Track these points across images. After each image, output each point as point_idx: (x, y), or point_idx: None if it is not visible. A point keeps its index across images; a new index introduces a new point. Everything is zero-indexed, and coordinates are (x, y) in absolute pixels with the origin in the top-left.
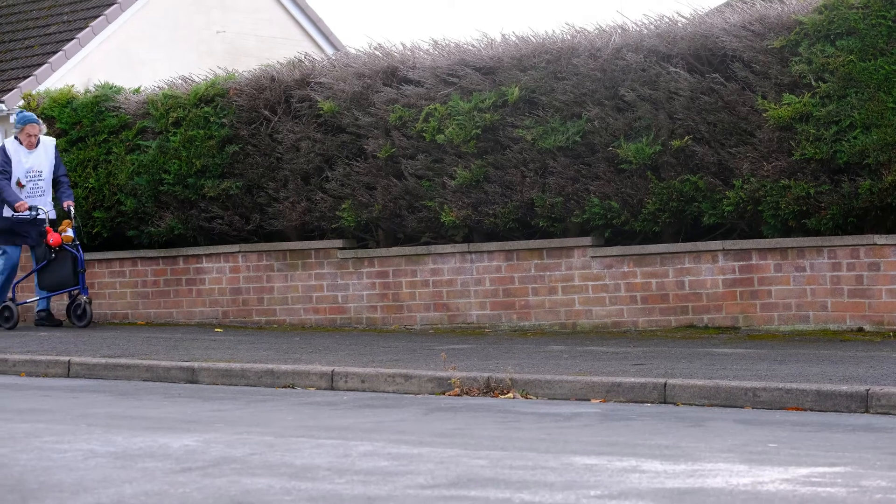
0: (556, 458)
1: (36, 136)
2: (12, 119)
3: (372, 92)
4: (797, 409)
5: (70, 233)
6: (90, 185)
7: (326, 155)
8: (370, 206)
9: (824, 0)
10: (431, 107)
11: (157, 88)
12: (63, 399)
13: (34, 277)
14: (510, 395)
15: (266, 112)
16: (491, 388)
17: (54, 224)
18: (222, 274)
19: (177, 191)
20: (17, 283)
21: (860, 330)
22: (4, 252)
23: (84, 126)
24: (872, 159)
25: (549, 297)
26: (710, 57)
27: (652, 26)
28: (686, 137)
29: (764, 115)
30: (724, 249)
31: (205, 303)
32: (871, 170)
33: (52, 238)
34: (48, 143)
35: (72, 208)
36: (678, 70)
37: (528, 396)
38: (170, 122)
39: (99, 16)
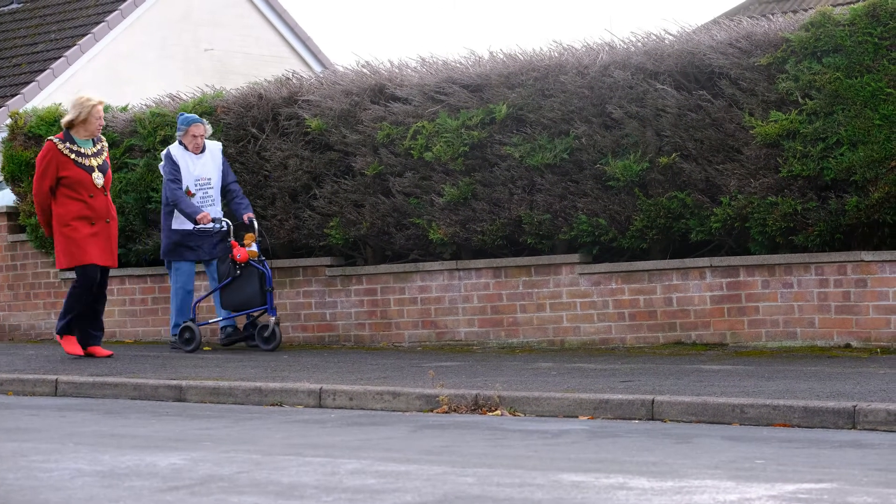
0: (543, 476)
1: (202, 136)
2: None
3: (360, 109)
4: (784, 425)
5: (255, 247)
6: None
7: (314, 172)
8: (358, 224)
9: (811, 17)
10: (419, 124)
11: (144, 106)
12: (50, 418)
13: (206, 296)
14: (498, 412)
15: (254, 130)
16: (479, 406)
17: (232, 237)
18: None
19: None
20: (198, 301)
21: (847, 346)
22: (177, 269)
23: None
24: (859, 176)
25: (537, 314)
26: (698, 74)
27: (639, 44)
28: (673, 154)
29: (751, 132)
30: (711, 266)
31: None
32: (858, 186)
33: (240, 253)
34: (214, 149)
35: (254, 220)
36: (665, 87)
37: (516, 413)
38: (157, 140)
39: (87, 34)
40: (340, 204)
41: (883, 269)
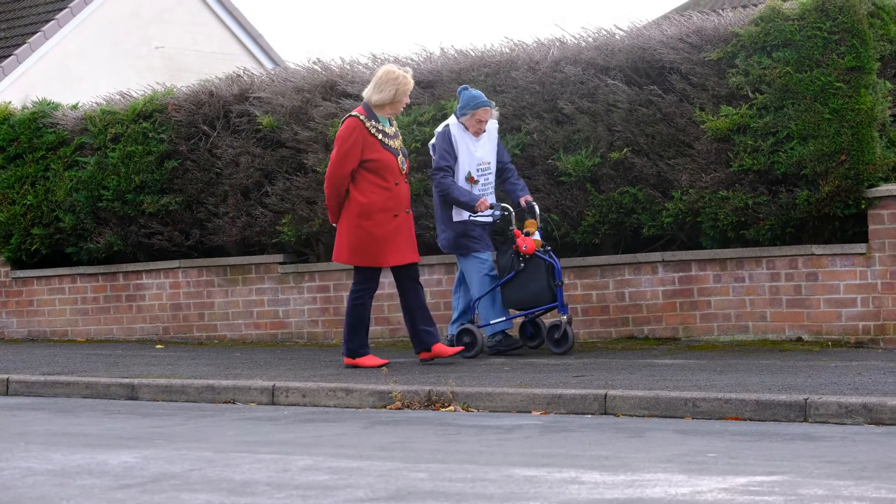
0: (496, 471)
1: (486, 122)
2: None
3: (311, 106)
4: (737, 418)
5: (538, 236)
6: (28, 202)
7: (266, 170)
8: (310, 221)
9: (760, 12)
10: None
11: (95, 104)
12: (1, 417)
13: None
14: (451, 408)
15: (205, 127)
16: (432, 402)
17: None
18: (162, 290)
19: (116, 207)
20: (479, 299)
21: (799, 340)
22: (478, 259)
23: (22, 143)
24: (809, 170)
25: None
26: (648, 69)
27: (590, 39)
28: (625, 149)
29: (702, 126)
30: (663, 261)
31: (145, 319)
32: (809, 180)
33: (526, 244)
34: (492, 128)
35: (534, 204)
36: (616, 82)
37: (470, 409)
38: (108, 137)
39: (37, 32)
40: (292, 201)
41: (834, 262)
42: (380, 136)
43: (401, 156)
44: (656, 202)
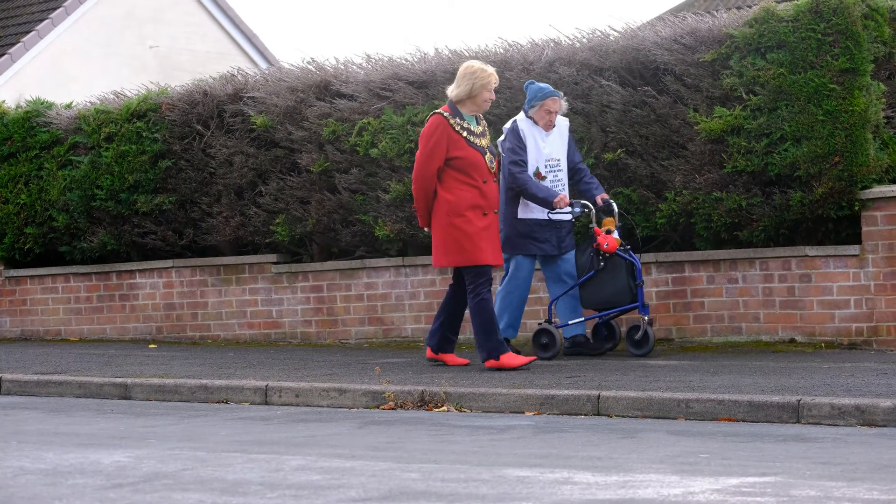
0: (488, 471)
1: (556, 113)
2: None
3: (305, 106)
4: (729, 420)
5: (617, 234)
6: (22, 201)
7: (260, 169)
8: (304, 221)
9: (754, 14)
10: (365, 121)
11: (88, 104)
12: None
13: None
14: (444, 408)
15: (199, 127)
16: (425, 402)
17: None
18: (156, 289)
19: (109, 206)
20: (556, 300)
21: (792, 341)
22: (518, 266)
23: (15, 142)
24: (803, 171)
25: None
26: (643, 70)
27: (584, 40)
28: (619, 150)
29: (696, 127)
30: (657, 262)
31: (138, 318)
32: (802, 182)
33: (607, 242)
34: (563, 125)
35: (612, 202)
36: (610, 83)
37: (463, 409)
38: (102, 137)
39: (30, 31)
40: (286, 201)
41: (827, 263)
42: (465, 134)
43: (488, 154)
44: (650, 203)
